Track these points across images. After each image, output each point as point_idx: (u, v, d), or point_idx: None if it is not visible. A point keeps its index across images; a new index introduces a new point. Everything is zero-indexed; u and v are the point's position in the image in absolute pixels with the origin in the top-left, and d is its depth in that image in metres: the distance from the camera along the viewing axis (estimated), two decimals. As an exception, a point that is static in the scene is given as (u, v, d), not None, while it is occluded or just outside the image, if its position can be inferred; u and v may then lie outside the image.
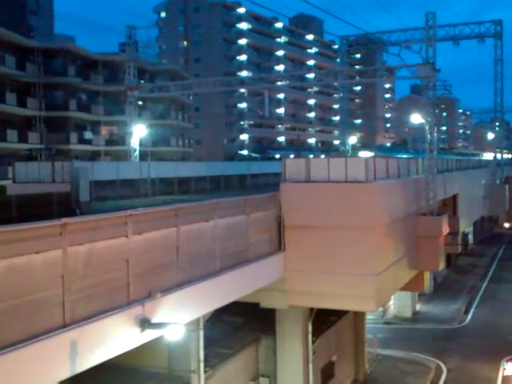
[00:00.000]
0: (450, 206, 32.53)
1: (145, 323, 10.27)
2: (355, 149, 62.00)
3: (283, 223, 16.75)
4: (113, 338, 9.76)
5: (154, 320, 10.51)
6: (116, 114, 52.30)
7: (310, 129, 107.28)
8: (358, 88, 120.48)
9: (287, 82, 67.67)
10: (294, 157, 51.55)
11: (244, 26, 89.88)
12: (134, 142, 35.76)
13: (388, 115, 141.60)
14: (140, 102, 44.28)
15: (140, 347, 10.58)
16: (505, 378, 23.53)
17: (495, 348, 27.25)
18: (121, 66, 44.66)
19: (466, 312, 34.46)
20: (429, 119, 24.78)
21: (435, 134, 25.01)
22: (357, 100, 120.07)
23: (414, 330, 31.51)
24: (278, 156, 70.91)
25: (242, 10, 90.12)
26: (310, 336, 18.84)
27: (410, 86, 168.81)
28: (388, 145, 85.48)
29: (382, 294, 17.88)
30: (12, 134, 45.44)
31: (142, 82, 46.51)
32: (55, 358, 8.65)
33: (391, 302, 32.86)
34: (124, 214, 10.49)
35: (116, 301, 9.99)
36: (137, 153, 35.45)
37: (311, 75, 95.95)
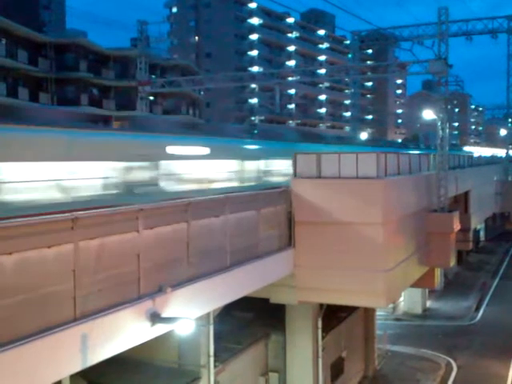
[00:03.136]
0: (461, 203, 32.35)
1: (155, 317, 10.30)
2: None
3: (293, 219, 16.74)
4: (123, 332, 9.80)
5: (165, 314, 10.55)
6: (127, 109, 52.47)
7: (321, 124, 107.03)
8: (370, 83, 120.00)
9: (298, 77, 67.53)
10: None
11: (255, 21, 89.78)
12: (145, 137, 35.80)
13: (399, 111, 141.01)
14: (151, 98, 44.38)
15: (150, 341, 10.62)
16: (515, 376, 23.45)
17: (506, 345, 27.12)
18: (132, 61, 44.79)
19: (477, 309, 34.30)
20: (441, 115, 24.63)
21: (447, 130, 24.86)
22: (368, 96, 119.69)
23: (425, 326, 31.42)
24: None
25: (253, 5, 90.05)
26: (319, 332, 18.83)
27: (422, 81, 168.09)
28: (399, 141, 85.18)
29: (393, 291, 17.84)
30: (24, 128, 45.66)
31: (154, 77, 46.62)
32: (66, 352, 8.70)
33: (401, 299, 32.80)
34: (135, 209, 10.53)
35: (127, 295, 10.03)
36: (148, 148, 35.48)
37: (322, 71, 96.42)
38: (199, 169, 18.04)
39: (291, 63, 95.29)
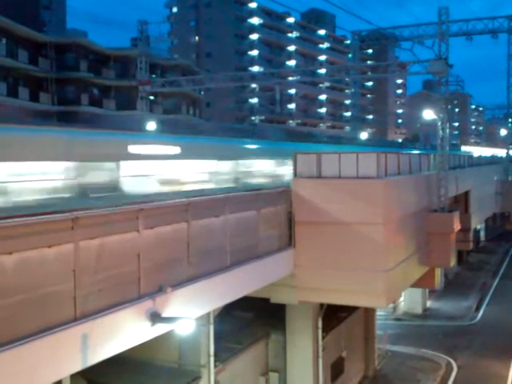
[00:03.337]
0: (461, 203, 32.35)
1: (155, 317, 10.31)
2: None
3: (294, 219, 16.74)
4: (123, 331, 9.81)
5: (165, 314, 10.55)
6: (128, 109, 52.45)
7: (321, 124, 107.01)
8: (370, 83, 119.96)
9: (298, 77, 67.48)
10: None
11: (256, 20, 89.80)
12: (146, 137, 35.77)
13: (400, 111, 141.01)
14: (151, 97, 44.36)
15: (150, 341, 10.62)
16: (516, 376, 23.43)
17: (506, 345, 27.10)
18: (132, 61, 44.73)
19: (477, 309, 34.30)
20: (441, 115, 24.62)
21: (447, 130, 24.85)
22: (368, 95, 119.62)
23: (425, 326, 31.42)
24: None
25: (253, 5, 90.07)
26: (319, 332, 18.83)
27: (422, 81, 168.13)
28: (400, 140, 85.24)
29: (393, 291, 17.84)
30: (24, 128, 45.64)
31: (154, 76, 46.61)
32: (66, 352, 8.70)
33: (402, 299, 32.79)
34: (135, 209, 10.53)
35: (127, 295, 10.04)
36: (148, 148, 35.46)
37: (323, 70, 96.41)
38: (168, 169, 16.60)
39: (291, 63, 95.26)
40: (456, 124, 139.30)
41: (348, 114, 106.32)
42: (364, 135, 58.53)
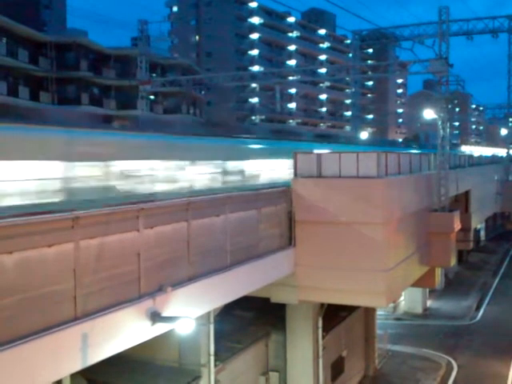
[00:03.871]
0: (462, 202, 32.35)
1: (155, 317, 10.31)
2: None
3: (294, 218, 16.74)
4: (123, 331, 9.81)
5: (165, 314, 10.55)
6: (128, 109, 52.43)
7: (322, 124, 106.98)
8: (370, 83, 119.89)
9: (299, 76, 67.41)
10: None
11: (256, 20, 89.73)
12: (146, 137, 35.71)
13: (400, 110, 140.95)
14: (152, 97, 44.35)
15: (150, 341, 10.62)
16: (516, 375, 23.43)
17: (507, 345, 27.11)
18: (133, 61, 44.68)
19: (478, 308, 34.29)
20: (441, 115, 24.63)
21: (448, 130, 24.85)
22: (369, 95, 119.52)
23: (425, 326, 31.41)
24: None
25: (254, 5, 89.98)
26: (320, 331, 18.83)
27: (423, 81, 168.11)
28: (400, 140, 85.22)
29: (393, 290, 17.83)
30: (25, 127, 45.62)
31: (154, 76, 46.58)
32: (66, 351, 8.70)
33: (402, 298, 32.78)
34: (136, 208, 10.52)
35: (127, 294, 10.04)
36: (148, 147, 35.40)
37: (323, 70, 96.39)
38: None
39: (292, 62, 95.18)
40: (456, 123, 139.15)
41: (348, 113, 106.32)
42: (364, 135, 58.51)
